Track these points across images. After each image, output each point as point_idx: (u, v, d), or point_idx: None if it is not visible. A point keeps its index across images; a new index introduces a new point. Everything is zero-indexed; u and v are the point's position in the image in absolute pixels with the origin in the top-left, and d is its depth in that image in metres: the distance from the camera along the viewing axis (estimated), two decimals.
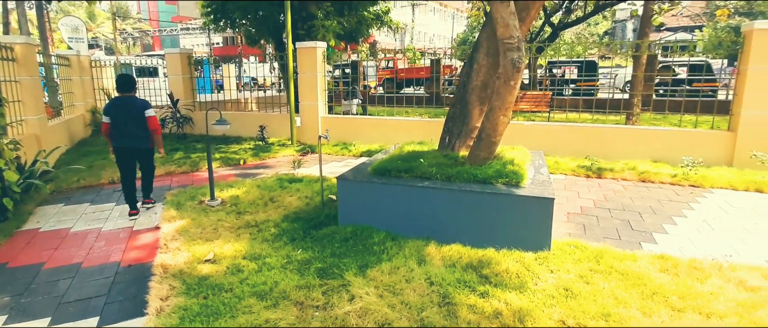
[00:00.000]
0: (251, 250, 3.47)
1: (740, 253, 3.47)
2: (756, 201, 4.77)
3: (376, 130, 8.33)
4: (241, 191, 5.04)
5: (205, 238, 3.84)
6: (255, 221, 4.15)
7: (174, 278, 3.12)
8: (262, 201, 4.73)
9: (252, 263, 3.26)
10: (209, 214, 4.39)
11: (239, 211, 4.45)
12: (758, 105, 5.80)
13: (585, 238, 3.81)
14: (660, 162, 6.23)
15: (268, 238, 3.76)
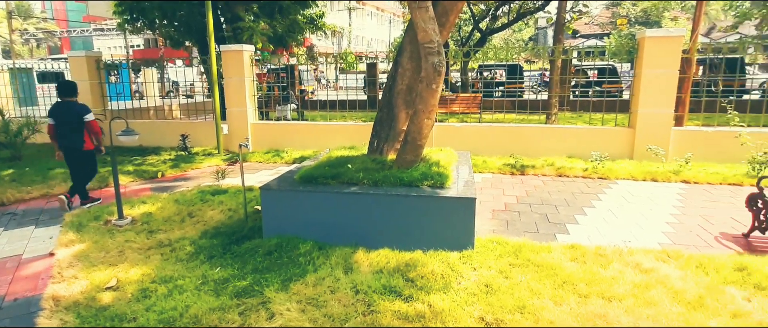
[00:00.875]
0: (162, 272, 3.17)
1: (638, 238, 3.84)
2: (651, 189, 5.34)
3: (311, 136, 8.14)
4: (156, 207, 4.62)
5: (108, 262, 3.44)
6: (169, 239, 3.81)
7: (67, 312, 2.75)
8: (178, 217, 4.37)
9: (162, 286, 2.97)
10: (115, 235, 3.96)
11: (151, 229, 4.07)
12: (651, 104, 6.53)
13: (507, 233, 3.99)
14: (574, 157, 6.77)
15: (182, 257, 3.47)
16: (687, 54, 7.80)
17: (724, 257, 3.27)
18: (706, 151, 6.44)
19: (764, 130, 6.34)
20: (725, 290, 2.82)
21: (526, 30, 42.00)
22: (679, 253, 3.37)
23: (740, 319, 2.50)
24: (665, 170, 5.85)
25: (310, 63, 9.78)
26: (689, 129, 6.86)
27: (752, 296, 2.74)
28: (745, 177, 5.55)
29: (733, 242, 3.75)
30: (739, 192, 5.13)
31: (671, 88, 6.46)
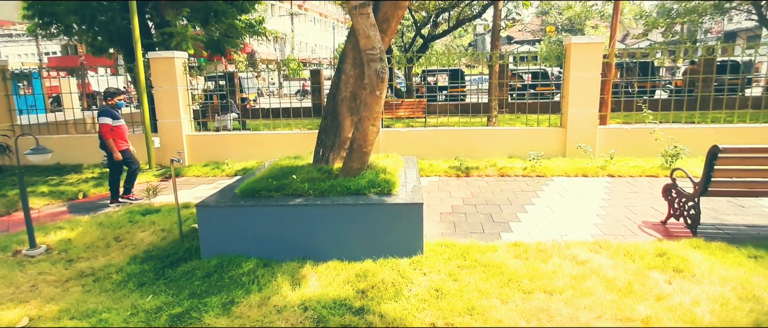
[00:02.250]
0: (83, 306, 2.83)
1: (573, 231, 4.09)
2: (583, 184, 5.74)
3: (254, 146, 7.81)
4: (76, 232, 4.15)
5: (18, 299, 3.02)
6: (91, 268, 3.42)
7: None
8: (103, 242, 3.95)
9: (83, 321, 2.65)
10: (27, 267, 3.49)
11: (70, 258, 3.63)
12: (579, 105, 7.05)
13: (455, 235, 4.06)
14: (514, 157, 7.11)
15: (108, 288, 3.13)
16: (607, 59, 8.54)
17: (647, 244, 3.57)
18: (627, 146, 7.07)
19: (674, 126, 7.10)
20: (649, 274, 3.07)
21: (466, 36, 43.94)
22: (609, 243, 3.62)
23: (663, 301, 2.73)
24: (593, 165, 6.33)
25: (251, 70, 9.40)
26: (612, 127, 7.49)
27: (672, 279, 3.00)
28: (660, 169, 6.16)
29: (654, 229, 4.11)
30: (656, 183, 5.67)
31: (595, 89, 7.02)
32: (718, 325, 2.46)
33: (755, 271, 3.06)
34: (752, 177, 3.74)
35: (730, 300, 2.69)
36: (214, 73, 11.19)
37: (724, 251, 3.42)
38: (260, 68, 8.72)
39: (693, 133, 6.91)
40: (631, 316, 2.59)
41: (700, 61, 12.70)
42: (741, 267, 3.12)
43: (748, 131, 6.98)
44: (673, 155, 6.16)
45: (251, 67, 8.98)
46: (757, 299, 2.71)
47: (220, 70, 10.60)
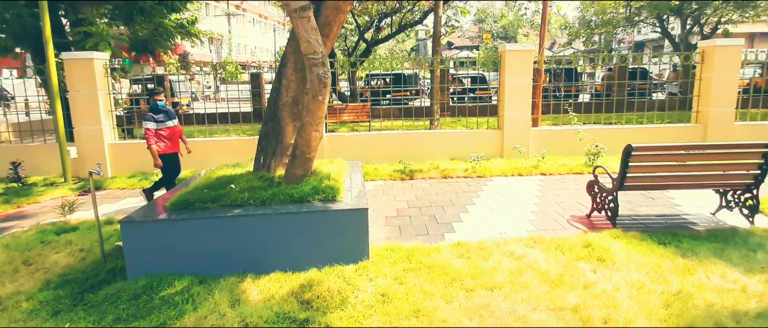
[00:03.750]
0: None
1: (511, 228, 4.32)
2: (519, 183, 6.10)
3: (186, 155, 7.31)
4: None
5: None
6: None
7: None
8: (10, 267, 3.47)
9: None
10: None
11: None
12: (514, 108, 7.49)
13: (400, 239, 4.10)
14: (456, 159, 7.37)
15: (17, 318, 2.75)
16: (537, 65, 9.18)
17: (575, 236, 3.87)
18: (556, 146, 7.63)
19: (595, 127, 7.78)
20: (577, 265, 3.32)
21: (408, 41, 44.93)
22: (542, 238, 3.87)
23: (590, 289, 2.96)
24: (527, 165, 6.74)
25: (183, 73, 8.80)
26: (543, 129, 8.04)
27: (597, 268, 3.27)
28: (584, 166, 6.72)
29: (580, 222, 4.47)
30: (581, 179, 6.17)
31: (527, 94, 7.50)
32: (635, 306, 2.72)
33: (665, 256, 3.43)
34: (660, 172, 4.19)
35: (645, 284, 2.99)
36: (140, 75, 10.33)
37: (639, 239, 3.79)
38: (194, 71, 8.20)
39: (611, 134, 7.63)
40: (563, 305, 2.77)
41: (615, 68, 14.10)
42: (653, 253, 3.48)
43: (656, 131, 7.85)
44: (595, 154, 6.76)
45: (184, 69, 8.43)
46: (666, 281, 3.04)
47: (147, 73, 9.79)
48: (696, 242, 3.70)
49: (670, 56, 8.99)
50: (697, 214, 4.59)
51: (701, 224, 4.29)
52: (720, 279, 3.05)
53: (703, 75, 7.77)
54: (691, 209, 4.76)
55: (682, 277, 3.09)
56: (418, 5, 14.80)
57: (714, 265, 3.25)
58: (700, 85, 7.83)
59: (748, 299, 2.78)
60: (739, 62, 7.64)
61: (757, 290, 2.89)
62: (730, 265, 3.25)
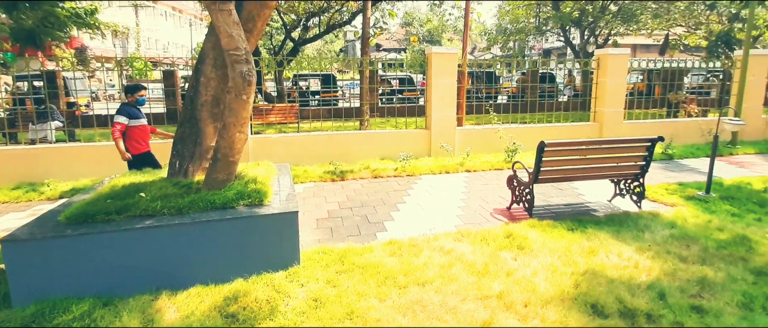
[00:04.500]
0: None
1: (440, 224, 4.48)
2: (446, 181, 6.36)
3: (86, 161, 6.48)
4: None
5: None
6: None
7: None
8: None
9: None
10: None
11: None
12: (440, 109, 7.80)
13: (332, 241, 4.04)
14: (386, 159, 7.47)
15: None
16: (460, 67, 9.67)
17: (498, 228, 4.13)
18: (479, 144, 8.11)
19: (512, 126, 8.40)
20: (501, 254, 3.54)
21: (337, 42, 44.71)
22: (469, 232, 4.07)
23: (512, 276, 3.17)
24: (454, 163, 7.07)
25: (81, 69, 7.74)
26: (467, 128, 8.49)
27: (517, 256, 3.52)
28: (504, 163, 7.22)
29: (502, 214, 4.78)
30: (502, 174, 6.62)
31: (453, 94, 7.86)
32: (550, 288, 2.97)
33: (573, 240, 3.80)
34: (568, 166, 4.65)
35: (558, 267, 3.28)
36: (26, 71, 8.88)
37: (552, 226, 4.16)
38: (94, 67, 7.29)
39: (526, 132, 8.30)
40: (489, 293, 2.94)
41: (528, 72, 15.41)
42: (563, 239, 3.84)
43: (562, 129, 8.70)
44: (513, 150, 7.30)
45: (81, 65, 7.44)
46: (575, 263, 3.37)
47: (34, 69, 8.42)
48: (597, 227, 4.16)
49: (573, 63, 10.06)
50: (597, 201, 5.17)
51: (601, 210, 4.84)
52: (617, 258, 3.46)
53: (598, 79, 8.80)
54: (592, 197, 5.35)
55: (587, 258, 3.45)
56: (346, 6, 14.75)
57: (612, 246, 3.67)
58: (596, 89, 8.86)
59: (639, 274, 3.18)
60: (626, 69, 8.78)
61: (646, 265, 3.32)
62: (625, 245, 3.70)
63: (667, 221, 4.29)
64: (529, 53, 35.80)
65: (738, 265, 3.33)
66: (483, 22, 33.34)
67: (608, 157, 4.65)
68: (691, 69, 16.87)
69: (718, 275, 3.13)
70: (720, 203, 4.93)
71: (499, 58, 21.63)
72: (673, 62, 11.06)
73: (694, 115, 11.32)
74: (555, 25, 21.15)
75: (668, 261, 3.38)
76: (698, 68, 16.82)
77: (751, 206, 4.83)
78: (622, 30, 19.92)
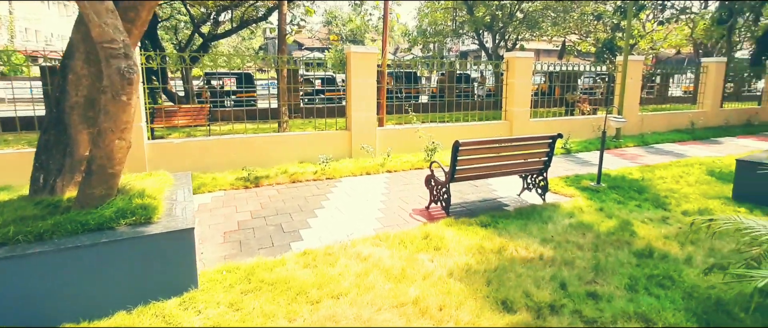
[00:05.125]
0: None
1: (359, 228, 4.34)
2: (367, 182, 6.25)
3: None
4: None
5: None
6: None
7: None
8: None
9: None
10: None
11: None
12: (360, 109, 7.68)
13: (240, 256, 3.67)
14: (306, 162, 7.16)
15: None
16: (380, 67, 9.67)
17: (416, 229, 4.10)
18: (400, 145, 8.16)
19: (432, 126, 8.60)
20: (418, 257, 3.50)
21: (256, 39, 42.57)
22: (387, 235, 3.98)
23: (428, 279, 3.13)
24: (375, 164, 7.00)
25: None
26: (388, 128, 8.50)
27: (434, 257, 3.51)
28: (424, 162, 7.34)
29: (421, 214, 4.79)
30: (421, 174, 6.70)
31: (372, 94, 7.80)
32: (465, 288, 2.98)
33: (486, 237, 3.91)
34: (481, 163, 4.80)
35: (472, 266, 3.32)
36: None
37: (467, 224, 4.25)
38: None
39: (444, 131, 8.55)
40: (405, 300, 2.85)
41: (446, 73, 16.05)
42: (477, 235, 3.94)
43: (478, 127, 9.13)
44: (432, 150, 7.45)
45: None
46: (488, 260, 3.44)
47: None
48: (508, 221, 4.34)
49: (486, 64, 10.65)
50: (508, 196, 5.45)
51: (511, 204, 5.09)
52: (525, 251, 3.61)
53: (508, 80, 9.40)
54: (504, 192, 5.63)
55: (499, 254, 3.56)
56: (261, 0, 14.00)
57: (521, 239, 3.84)
58: (506, 89, 9.45)
59: (544, 266, 3.35)
60: (531, 70, 9.51)
61: (549, 255, 3.51)
62: (532, 237, 3.90)
63: (567, 212, 4.64)
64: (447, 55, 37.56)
65: (624, 249, 3.68)
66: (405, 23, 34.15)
67: (517, 154, 4.90)
68: (583, 72, 19.01)
69: (608, 261, 3.42)
70: (609, 192, 5.49)
71: (419, 59, 22.33)
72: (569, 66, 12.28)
73: (586, 113, 12.69)
74: (470, 29, 22.38)
75: (568, 250, 3.61)
76: (589, 71, 18.99)
77: (633, 193, 5.45)
78: (527, 35, 21.76)
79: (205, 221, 4.56)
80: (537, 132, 9.57)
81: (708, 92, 12.48)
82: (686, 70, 17.58)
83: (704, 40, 20.89)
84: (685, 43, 23.01)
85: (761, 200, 4.95)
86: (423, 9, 24.92)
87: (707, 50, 21.49)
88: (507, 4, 19.12)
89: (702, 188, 5.73)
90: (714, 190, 5.63)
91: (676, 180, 6.17)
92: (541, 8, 19.44)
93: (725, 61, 12.60)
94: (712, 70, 12.33)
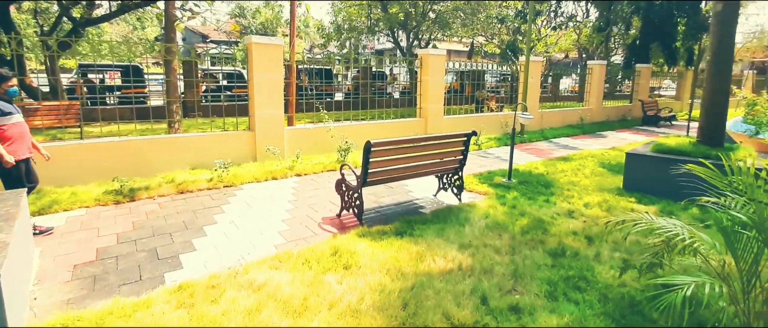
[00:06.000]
0: None
1: (257, 246, 3.68)
2: (272, 188, 5.55)
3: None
4: None
5: None
6: None
7: None
8: None
9: None
10: None
11: None
12: (265, 106, 6.89)
13: (92, 297, 2.80)
14: (200, 168, 6.18)
15: None
16: (288, 62, 8.90)
17: (324, 244, 3.58)
18: (311, 145, 7.54)
19: (345, 124, 8.12)
20: (325, 279, 2.99)
21: (151, 28, 37.93)
22: (290, 254, 3.40)
23: (335, 308, 2.64)
24: (282, 167, 6.31)
25: None
26: (298, 128, 7.81)
27: (343, 278, 3.03)
28: (337, 163, 6.83)
29: (331, 224, 4.28)
30: (334, 176, 6.19)
31: (279, 91, 7.04)
32: (377, 316, 2.55)
33: (402, 247, 3.54)
34: (396, 165, 4.44)
35: (386, 285, 2.91)
36: None
37: (381, 233, 3.85)
38: None
39: (359, 129, 8.14)
40: None
41: (361, 70, 15.70)
42: (392, 246, 3.55)
43: (393, 125, 8.88)
44: (346, 150, 6.98)
45: None
46: (404, 276, 3.06)
47: None
48: (424, 226, 4.04)
49: (400, 62, 10.50)
50: (424, 197, 5.21)
51: (427, 206, 4.84)
52: (443, 260, 3.31)
53: (422, 78, 9.31)
54: (420, 193, 5.38)
55: (416, 266, 3.20)
56: None
57: (439, 247, 3.55)
58: (420, 86, 9.36)
59: (463, 277, 3.07)
60: (444, 68, 9.55)
61: (468, 264, 3.26)
62: (449, 244, 3.63)
63: (482, 212, 4.50)
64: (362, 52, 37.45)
65: (539, 249, 3.59)
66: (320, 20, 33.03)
67: (432, 153, 4.65)
68: (489, 71, 20.16)
69: (525, 264, 3.27)
70: (519, 188, 5.55)
71: (334, 55, 21.69)
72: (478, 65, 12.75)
73: (494, 109, 13.32)
74: (385, 27, 22.39)
75: (486, 256, 3.40)
76: (494, 71, 20.22)
77: (541, 188, 5.58)
78: (439, 35, 22.45)
79: (50, 251, 3.51)
80: (451, 129, 9.66)
81: (593, 91, 13.92)
82: (573, 71, 19.64)
83: (587, 46, 23.59)
84: (572, 48, 25.80)
85: (647, 189, 5.38)
86: (337, 4, 24.32)
87: (589, 55, 24.33)
88: (420, 3, 19.45)
89: (597, 180, 6.11)
90: (607, 181, 6.03)
91: (575, 173, 6.53)
92: (451, 9, 20.14)
93: (606, 64, 14.20)
94: (596, 72, 13.77)
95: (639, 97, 15.70)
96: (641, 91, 16.08)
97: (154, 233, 3.94)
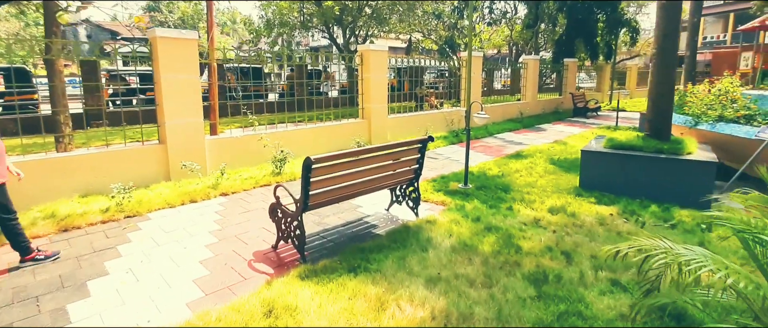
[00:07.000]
0: None
1: (164, 305, 2.75)
2: (189, 215, 4.52)
3: None
4: None
5: None
6: None
7: None
8: None
9: None
10: None
11: None
12: (179, 114, 5.74)
13: None
14: (93, 195, 4.93)
15: None
16: (206, 59, 7.71)
17: (254, 296, 2.75)
18: (240, 156, 6.51)
19: (279, 130, 7.17)
20: None
21: None
22: (206, 316, 2.53)
23: None
24: (204, 185, 5.26)
25: None
26: (222, 137, 6.70)
27: None
28: (272, 176, 5.91)
29: (265, 261, 3.44)
30: (269, 194, 5.28)
31: (195, 94, 5.92)
32: None
33: (357, 291, 2.82)
34: (342, 183, 3.70)
35: None
36: None
37: (329, 270, 3.11)
38: None
39: (295, 135, 7.24)
40: None
41: (295, 68, 14.61)
42: (345, 291, 2.82)
43: (333, 128, 8.08)
44: (281, 160, 6.08)
45: None
46: None
47: None
48: (381, 255, 3.37)
49: (339, 59, 9.72)
50: (376, 213, 4.53)
51: (381, 225, 4.18)
52: (410, 305, 2.66)
53: (363, 75, 8.61)
54: (370, 209, 4.70)
55: (378, 320, 2.51)
56: None
57: (402, 284, 2.89)
58: (362, 85, 8.66)
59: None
60: (386, 64, 8.93)
61: (441, 307, 2.63)
62: (414, 278, 2.99)
63: (445, 229, 3.93)
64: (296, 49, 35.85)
65: (516, 273, 3.08)
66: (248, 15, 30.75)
67: (384, 164, 3.97)
68: (428, 67, 20.04)
69: (508, 299, 2.73)
70: (479, 194, 5.09)
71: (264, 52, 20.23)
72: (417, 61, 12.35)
73: (435, 105, 13.02)
74: (319, 22, 21.31)
75: (461, 292, 2.81)
76: (433, 67, 20.15)
77: (500, 193, 5.17)
78: (376, 31, 21.86)
79: None
80: (396, 130, 9.10)
81: (528, 85, 14.22)
82: (509, 66, 20.19)
83: (519, 41, 24.50)
84: (504, 44, 26.71)
85: (604, 186, 5.20)
86: None
87: (520, 50, 25.32)
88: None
89: (551, 179, 5.87)
90: (562, 180, 5.81)
91: (529, 172, 6.26)
92: (387, 4, 19.65)
93: (539, 58, 14.59)
94: (531, 66, 14.07)
95: (569, 90, 16.43)
96: (569, 84, 16.86)
97: (13, 299, 2.82)
